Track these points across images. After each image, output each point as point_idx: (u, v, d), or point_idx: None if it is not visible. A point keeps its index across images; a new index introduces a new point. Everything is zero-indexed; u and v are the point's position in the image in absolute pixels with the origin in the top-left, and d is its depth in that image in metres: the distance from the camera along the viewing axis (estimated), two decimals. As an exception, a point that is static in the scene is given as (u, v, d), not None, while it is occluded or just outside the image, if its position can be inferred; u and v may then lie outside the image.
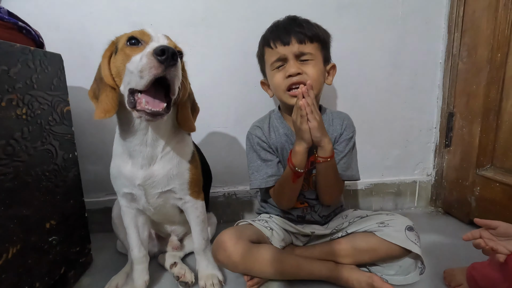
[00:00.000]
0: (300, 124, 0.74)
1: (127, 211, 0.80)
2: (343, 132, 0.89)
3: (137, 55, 0.60)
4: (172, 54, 0.56)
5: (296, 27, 0.81)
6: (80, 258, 0.89)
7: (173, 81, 0.59)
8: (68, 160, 0.85)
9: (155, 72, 0.56)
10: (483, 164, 1.08)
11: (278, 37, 0.82)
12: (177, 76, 0.59)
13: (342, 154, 0.87)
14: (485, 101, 1.04)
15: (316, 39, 0.82)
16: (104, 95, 0.66)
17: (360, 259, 0.80)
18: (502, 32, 0.97)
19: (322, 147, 0.77)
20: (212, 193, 1.20)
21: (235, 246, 0.75)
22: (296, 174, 0.79)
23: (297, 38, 0.80)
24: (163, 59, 0.55)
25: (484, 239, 0.65)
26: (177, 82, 0.59)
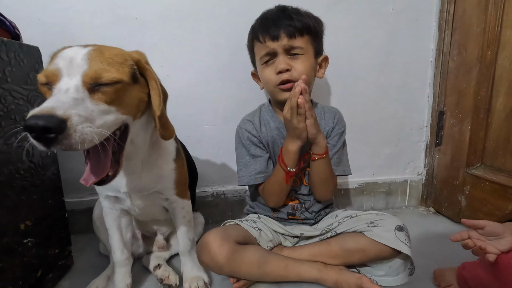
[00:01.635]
0: (297, 123, 0.72)
1: (110, 212, 0.76)
2: (335, 126, 0.87)
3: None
4: (44, 129, 0.42)
5: (286, 20, 0.77)
6: (59, 261, 0.85)
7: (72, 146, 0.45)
8: (46, 158, 0.81)
9: (42, 149, 0.45)
10: (473, 163, 1.07)
11: (267, 31, 0.78)
12: (75, 138, 0.44)
13: (335, 149, 0.86)
14: (476, 99, 1.03)
15: (306, 32, 0.79)
16: None
17: (350, 260, 0.79)
18: (492, 30, 0.97)
19: (317, 143, 0.76)
20: (200, 192, 1.17)
21: (220, 247, 0.72)
22: (289, 174, 0.77)
23: (287, 32, 0.77)
24: (34, 137, 0.43)
25: (473, 239, 0.64)
26: (80, 140, 0.45)
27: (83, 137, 0.46)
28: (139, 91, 0.58)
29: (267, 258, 0.75)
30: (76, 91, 0.48)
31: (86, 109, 0.48)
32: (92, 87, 0.50)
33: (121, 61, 0.54)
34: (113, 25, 1.02)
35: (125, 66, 0.55)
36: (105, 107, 0.51)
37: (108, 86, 0.51)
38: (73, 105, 0.46)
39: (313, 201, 0.89)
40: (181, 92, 1.08)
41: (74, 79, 0.49)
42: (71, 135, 0.44)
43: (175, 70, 1.07)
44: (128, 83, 0.54)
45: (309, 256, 0.81)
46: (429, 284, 0.80)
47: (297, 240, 0.89)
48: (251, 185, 0.93)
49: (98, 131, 0.48)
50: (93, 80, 0.50)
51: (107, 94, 0.51)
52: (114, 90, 0.52)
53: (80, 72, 0.49)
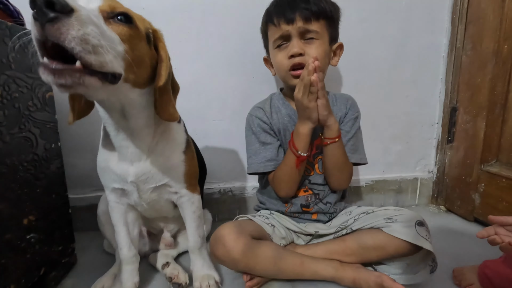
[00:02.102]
0: (308, 102, 0.70)
1: (116, 206, 0.73)
2: (348, 112, 0.85)
3: None
4: (47, 2, 0.37)
5: (302, 3, 0.74)
6: (62, 258, 0.81)
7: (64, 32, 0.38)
8: (50, 150, 0.77)
9: (34, 32, 0.40)
10: (488, 159, 1.04)
11: (282, 13, 0.76)
12: (73, 27, 0.39)
13: (349, 135, 0.83)
14: (491, 94, 1.00)
15: (323, 16, 0.76)
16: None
17: (367, 258, 0.76)
18: (509, 23, 0.94)
19: (328, 126, 0.74)
20: (207, 189, 1.14)
21: (235, 241, 0.69)
22: (300, 159, 0.75)
23: (302, 15, 0.74)
24: (34, 12, 0.38)
25: (500, 235, 0.61)
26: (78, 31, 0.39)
27: (87, 38, 0.40)
28: (149, 53, 0.56)
29: (282, 254, 0.72)
30: (91, 12, 0.44)
31: (98, 20, 0.44)
32: (108, 16, 0.48)
33: (139, 17, 0.55)
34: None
35: (142, 23, 0.55)
36: (115, 37, 0.47)
37: (123, 23, 0.49)
38: (86, 9, 0.42)
39: (327, 191, 0.85)
40: (188, 85, 1.04)
41: (91, 5, 0.46)
42: (73, 25, 0.39)
43: (182, 62, 1.03)
44: (142, 35, 0.53)
45: (324, 254, 0.78)
46: (449, 283, 0.77)
47: (310, 238, 0.86)
48: (262, 176, 0.90)
49: (105, 50, 0.43)
50: (110, 9, 0.48)
51: (121, 28, 0.49)
52: (129, 28, 0.50)
53: (96, 4, 0.47)
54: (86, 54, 0.41)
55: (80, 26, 0.40)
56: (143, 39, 0.54)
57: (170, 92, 0.60)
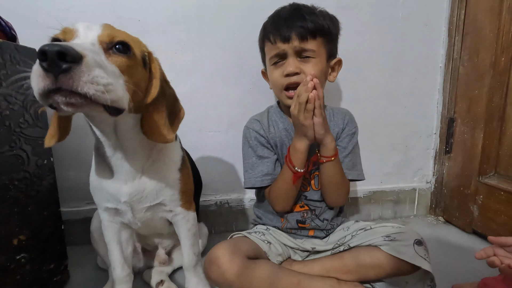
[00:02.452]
0: (304, 119, 0.69)
1: (109, 225, 0.71)
2: (345, 127, 0.84)
3: None
4: (59, 54, 0.38)
5: (298, 21, 0.73)
6: (54, 277, 0.80)
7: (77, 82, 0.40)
8: (42, 166, 0.76)
9: (43, 84, 0.40)
10: (486, 171, 1.04)
11: (278, 31, 0.75)
12: (84, 75, 0.40)
13: (346, 151, 0.82)
14: (488, 106, 1.00)
15: (320, 33, 0.75)
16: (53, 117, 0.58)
17: (364, 276, 0.74)
18: (506, 35, 0.94)
19: (324, 145, 0.73)
20: (203, 201, 1.12)
21: (230, 262, 0.67)
22: (296, 175, 0.74)
23: (299, 33, 0.73)
24: (46, 65, 0.39)
25: (499, 256, 0.60)
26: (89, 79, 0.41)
27: (97, 80, 0.42)
28: (145, 77, 0.56)
29: (278, 274, 0.71)
30: (92, 45, 0.46)
31: (101, 59, 0.45)
32: (107, 47, 0.48)
33: (134, 40, 0.54)
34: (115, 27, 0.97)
35: (137, 45, 0.54)
36: (116, 70, 0.47)
37: (122, 52, 0.49)
38: (90, 50, 0.43)
39: (324, 207, 0.84)
40: (185, 96, 1.01)
41: (89, 38, 0.47)
42: (84, 72, 0.40)
43: (179, 74, 1.03)
44: (139, 61, 0.53)
45: (321, 271, 0.77)
46: (448, 301, 0.76)
47: (307, 254, 0.84)
48: (258, 190, 0.89)
49: (115, 87, 0.45)
50: (109, 39, 0.48)
51: (120, 59, 0.49)
52: (127, 58, 0.50)
53: (95, 33, 0.48)
54: (101, 95, 0.42)
55: (89, 71, 0.41)
56: (139, 64, 0.54)
57: (164, 113, 0.58)
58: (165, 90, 0.59)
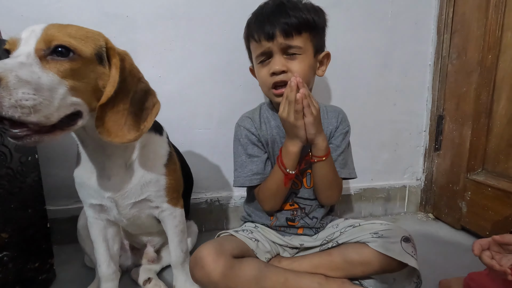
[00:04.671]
0: (295, 120, 0.67)
1: (94, 222, 0.70)
2: (339, 126, 0.83)
3: None
4: None
5: (282, 17, 0.71)
6: (39, 275, 0.78)
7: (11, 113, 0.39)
8: (26, 163, 0.74)
9: None
10: (474, 168, 1.05)
11: (262, 29, 0.73)
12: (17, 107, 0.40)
13: (339, 150, 0.82)
14: (476, 103, 1.01)
15: (305, 29, 0.73)
16: None
17: (352, 272, 0.74)
18: (493, 33, 0.95)
19: (316, 145, 0.72)
20: (193, 199, 1.11)
21: (214, 262, 0.66)
22: (288, 176, 0.73)
23: (283, 30, 0.71)
24: None
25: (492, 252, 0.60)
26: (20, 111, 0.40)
27: (21, 104, 0.40)
28: (103, 74, 0.53)
29: (265, 272, 0.70)
30: (26, 57, 0.45)
31: (31, 74, 0.43)
32: (45, 54, 0.46)
33: (86, 36, 0.51)
34: (102, 23, 0.96)
35: (90, 42, 0.51)
36: (54, 78, 0.45)
37: (63, 56, 0.47)
38: (16, 68, 0.42)
39: (314, 206, 0.84)
40: (173, 94, 1.03)
41: (28, 47, 0.46)
42: (2, 96, 0.39)
43: (167, 71, 1.02)
44: (89, 59, 0.50)
45: (309, 268, 0.76)
46: (435, 296, 0.76)
47: (296, 251, 0.84)
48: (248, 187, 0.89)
49: (45, 104, 0.43)
50: (46, 45, 0.46)
51: (60, 64, 0.47)
52: (69, 61, 0.48)
53: (35, 39, 0.46)
54: (27, 116, 0.41)
55: (11, 95, 0.39)
56: (90, 63, 0.51)
57: (124, 111, 0.55)
58: (128, 86, 0.55)
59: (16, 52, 0.46)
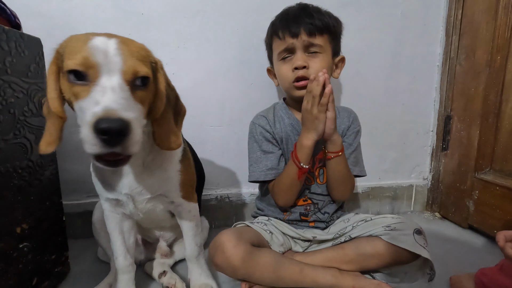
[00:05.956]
0: (318, 113, 0.71)
1: (111, 215, 0.71)
2: (351, 125, 0.87)
3: (84, 101, 0.46)
4: (118, 132, 0.43)
5: (307, 18, 0.77)
6: (55, 267, 0.79)
7: (129, 148, 0.45)
8: (44, 156, 0.75)
9: (98, 151, 0.44)
10: (482, 167, 1.06)
11: (287, 27, 0.78)
12: (133, 141, 0.45)
13: (352, 148, 0.85)
14: (484, 104, 1.03)
15: (326, 31, 0.79)
16: (50, 122, 0.53)
17: (365, 265, 0.76)
18: (502, 35, 0.97)
19: (332, 141, 0.76)
20: (204, 195, 1.12)
21: (235, 248, 0.68)
22: (302, 170, 0.76)
23: (307, 29, 0.77)
24: (106, 139, 0.43)
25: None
26: (135, 142, 0.46)
27: (138, 139, 0.46)
28: (153, 91, 0.55)
29: (282, 261, 0.72)
30: (121, 90, 0.46)
31: (134, 110, 0.48)
32: (131, 85, 0.49)
33: (147, 55, 0.53)
34: (117, 20, 0.98)
35: (148, 61, 0.53)
36: (139, 107, 0.50)
37: (143, 86, 0.51)
38: (127, 107, 0.46)
39: (327, 201, 0.86)
40: (186, 91, 1.01)
41: (114, 77, 0.47)
42: (132, 139, 0.45)
43: (181, 68, 1.03)
44: (151, 81, 0.53)
45: (323, 261, 0.78)
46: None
47: (308, 245, 0.85)
48: (262, 183, 0.91)
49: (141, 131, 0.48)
50: (132, 76, 0.48)
51: (140, 93, 0.50)
52: (145, 90, 0.51)
53: (118, 69, 0.47)
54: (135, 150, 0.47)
55: (135, 137, 0.46)
56: (151, 83, 0.54)
57: (171, 119, 0.59)
58: (169, 96, 0.59)
59: (103, 81, 0.46)
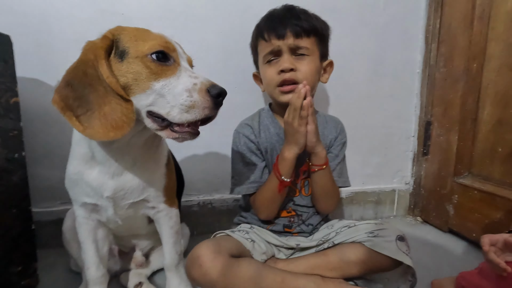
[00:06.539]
0: (298, 126, 0.69)
1: (84, 222, 0.67)
2: (338, 136, 0.86)
3: (172, 78, 0.54)
4: (224, 96, 0.56)
5: (293, 19, 0.75)
6: (22, 280, 0.74)
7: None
8: (12, 161, 0.71)
9: (208, 113, 0.53)
10: (460, 172, 1.09)
11: (273, 29, 0.76)
12: None
13: (337, 160, 0.84)
14: (462, 110, 1.05)
15: (313, 33, 0.77)
16: (109, 107, 0.51)
17: (349, 272, 0.75)
18: (477, 44, 1.00)
19: (316, 153, 0.74)
20: (185, 201, 1.09)
21: (213, 261, 0.65)
22: (282, 184, 0.74)
23: (293, 31, 0.74)
24: (219, 101, 0.54)
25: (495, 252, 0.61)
26: None
27: None
28: None
29: (263, 272, 0.69)
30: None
31: None
32: None
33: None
34: (96, 20, 0.94)
35: None
36: None
37: None
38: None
39: (311, 213, 0.85)
40: None
41: (184, 63, 0.59)
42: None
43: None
44: None
45: (306, 269, 0.76)
46: (428, 296, 0.77)
47: (291, 252, 0.84)
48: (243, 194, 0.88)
49: None
50: (190, 64, 0.63)
51: None
52: None
53: (184, 56, 0.61)
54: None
55: None
56: None
57: None
58: None
59: (184, 64, 0.58)
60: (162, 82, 0.53)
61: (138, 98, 0.53)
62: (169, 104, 0.52)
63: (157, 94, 0.53)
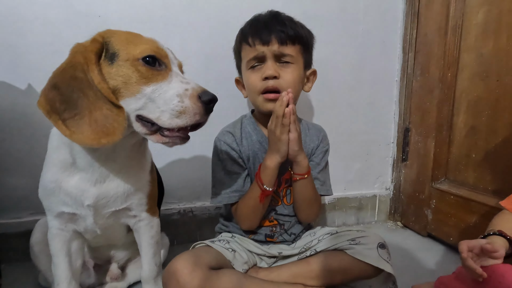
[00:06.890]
0: (280, 134, 0.68)
1: (58, 234, 0.63)
2: (320, 144, 0.85)
3: (162, 83, 0.53)
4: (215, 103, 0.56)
5: (278, 25, 0.73)
6: (-17, 299, 0.68)
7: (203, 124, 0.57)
8: (-26, 169, 0.66)
9: (198, 119, 0.53)
10: (437, 177, 1.12)
11: (258, 34, 0.73)
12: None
13: (319, 168, 0.83)
14: (438, 117, 1.09)
15: (298, 41, 0.75)
16: (100, 113, 0.49)
17: (331, 281, 0.74)
18: (451, 54, 1.04)
19: (297, 162, 0.73)
20: (165, 209, 1.06)
21: (191, 275, 0.62)
22: (264, 193, 0.72)
23: (278, 37, 0.72)
24: (210, 107, 0.54)
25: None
26: None
27: None
28: None
29: (244, 283, 0.67)
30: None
31: None
32: None
33: None
34: (70, 21, 0.91)
35: None
36: None
37: None
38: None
39: (293, 222, 0.84)
40: None
41: (175, 68, 0.59)
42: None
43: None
44: None
45: (288, 277, 0.75)
46: (408, 301, 0.78)
47: (274, 260, 0.82)
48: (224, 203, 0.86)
49: None
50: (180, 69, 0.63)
51: None
52: None
53: (176, 62, 0.61)
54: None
55: None
56: None
57: None
58: None
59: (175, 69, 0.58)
60: (152, 87, 0.52)
61: (127, 102, 0.52)
62: (160, 108, 0.51)
63: (147, 98, 0.52)
